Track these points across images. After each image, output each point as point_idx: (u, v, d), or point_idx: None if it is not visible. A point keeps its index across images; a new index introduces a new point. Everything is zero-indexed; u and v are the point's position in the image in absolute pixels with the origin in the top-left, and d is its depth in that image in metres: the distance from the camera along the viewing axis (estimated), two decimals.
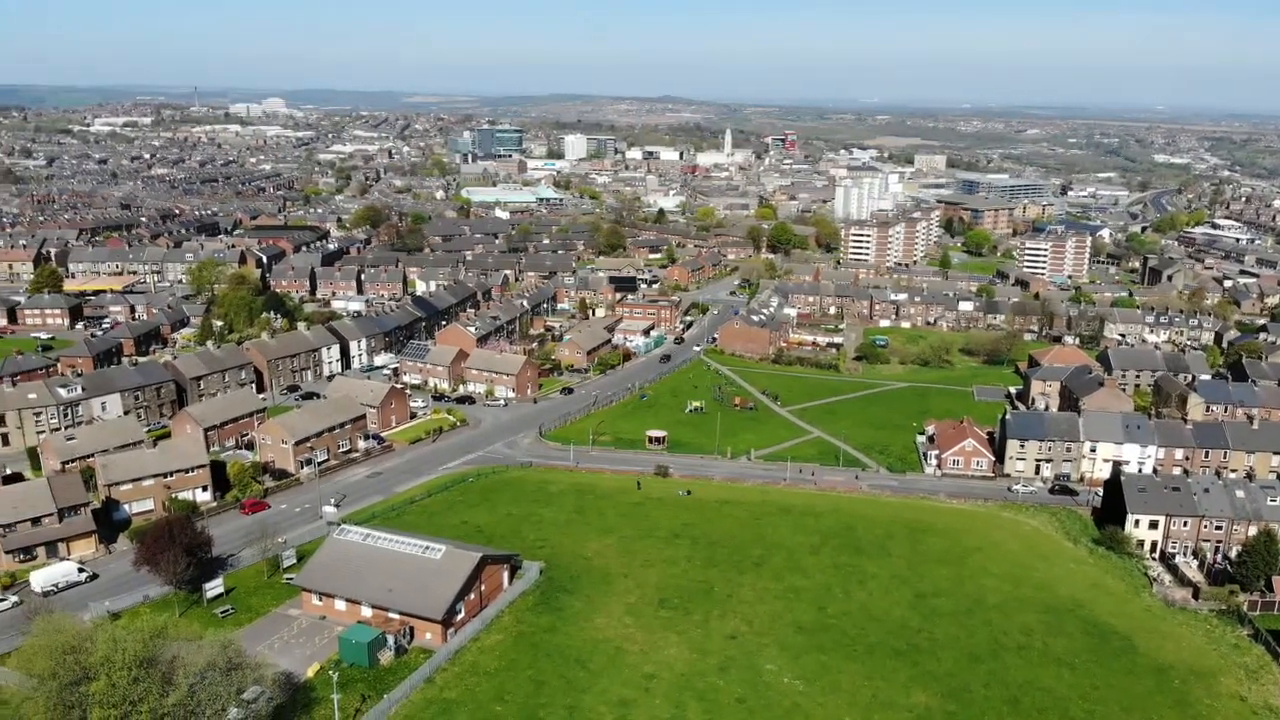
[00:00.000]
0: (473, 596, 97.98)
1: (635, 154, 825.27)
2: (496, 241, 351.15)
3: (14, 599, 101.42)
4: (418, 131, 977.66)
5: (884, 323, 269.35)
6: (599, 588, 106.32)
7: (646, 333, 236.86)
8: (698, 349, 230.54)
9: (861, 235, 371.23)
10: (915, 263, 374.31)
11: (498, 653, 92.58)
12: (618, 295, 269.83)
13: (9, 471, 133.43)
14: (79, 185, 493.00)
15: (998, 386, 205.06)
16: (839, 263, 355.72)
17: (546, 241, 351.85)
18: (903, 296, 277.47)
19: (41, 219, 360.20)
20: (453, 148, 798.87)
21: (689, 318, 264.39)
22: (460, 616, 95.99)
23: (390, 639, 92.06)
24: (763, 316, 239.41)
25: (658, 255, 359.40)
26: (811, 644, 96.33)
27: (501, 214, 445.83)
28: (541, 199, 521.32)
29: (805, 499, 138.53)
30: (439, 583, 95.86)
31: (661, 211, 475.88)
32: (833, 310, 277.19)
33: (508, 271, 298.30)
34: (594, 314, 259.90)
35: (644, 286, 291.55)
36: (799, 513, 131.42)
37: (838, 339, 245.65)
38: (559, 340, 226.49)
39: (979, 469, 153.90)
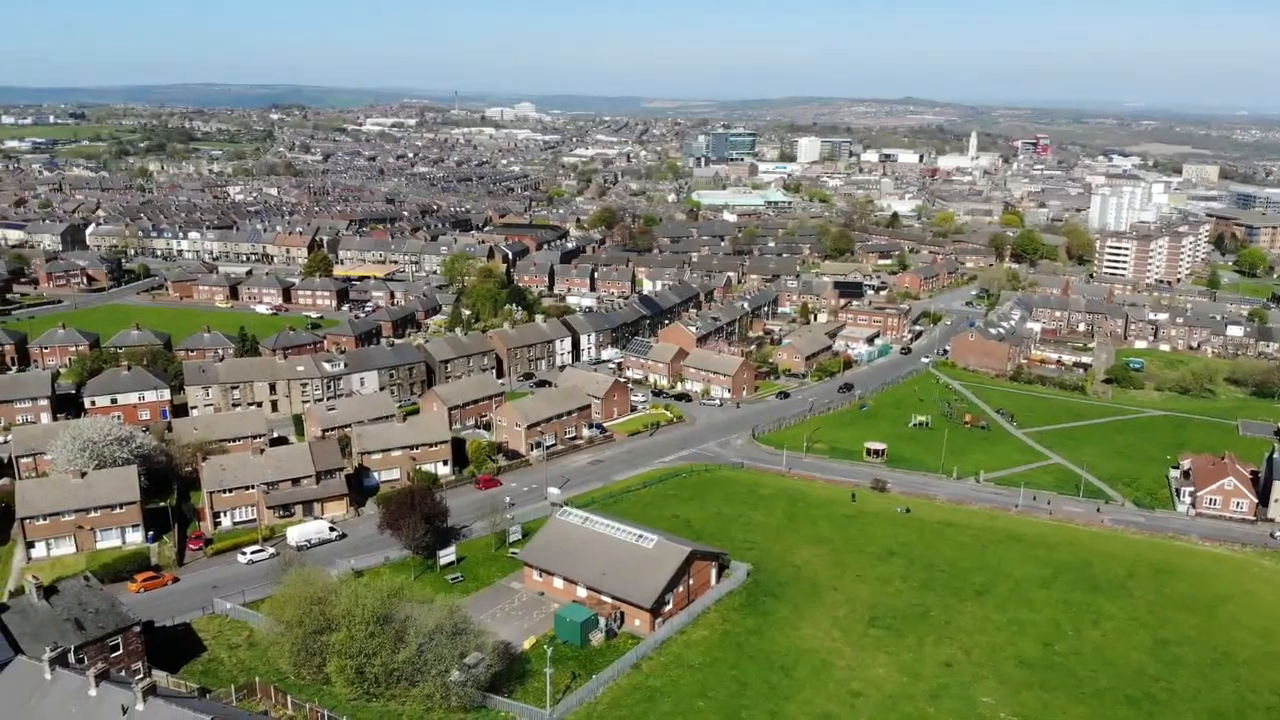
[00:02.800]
0: (681, 589, 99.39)
1: (871, 156, 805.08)
2: (722, 244, 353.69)
3: (272, 550, 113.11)
4: (655, 136, 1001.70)
5: (1139, 344, 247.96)
6: (807, 597, 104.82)
7: (870, 340, 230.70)
8: (926, 360, 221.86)
9: (1119, 248, 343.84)
10: (1179, 281, 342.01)
11: (703, 648, 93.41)
12: (842, 301, 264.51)
13: (276, 434, 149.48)
14: (350, 180, 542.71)
15: (1266, 422, 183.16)
16: (1091, 276, 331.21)
17: (772, 244, 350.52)
18: (1162, 317, 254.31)
19: (317, 209, 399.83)
20: (686, 152, 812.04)
21: (918, 327, 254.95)
22: (668, 607, 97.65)
23: (602, 621, 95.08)
24: (1002, 330, 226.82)
25: (888, 261, 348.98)
26: (1034, 680, 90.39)
27: (729, 217, 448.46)
28: (770, 202, 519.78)
29: (1038, 528, 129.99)
30: (650, 572, 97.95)
31: (895, 215, 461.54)
32: (1081, 327, 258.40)
33: (731, 273, 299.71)
34: (816, 319, 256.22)
35: (870, 292, 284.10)
36: (1030, 542, 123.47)
37: (1085, 358, 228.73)
38: (778, 344, 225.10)
39: (1238, 510, 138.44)
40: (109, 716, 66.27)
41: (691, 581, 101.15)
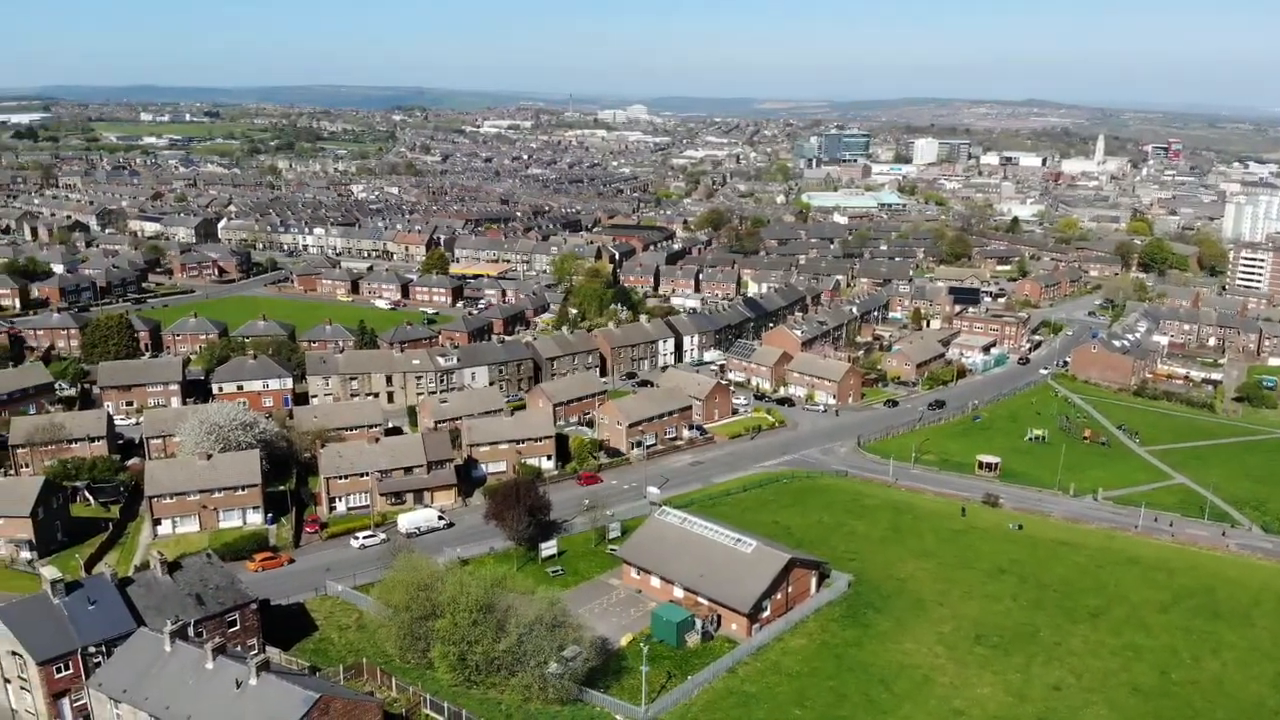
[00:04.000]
0: (779, 596, 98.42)
1: (991, 159, 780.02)
2: (832, 246, 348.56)
3: (383, 536, 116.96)
4: (766, 137, 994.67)
5: (1274, 361, 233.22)
6: (911, 611, 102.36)
7: (986, 349, 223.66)
8: (1045, 372, 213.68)
9: (1254, 259, 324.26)
10: None
11: (800, 656, 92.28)
12: (956, 307, 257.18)
13: (391, 425, 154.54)
14: (467, 180, 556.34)
15: None
16: (1224, 289, 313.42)
17: (884, 247, 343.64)
18: None
19: (435, 209, 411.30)
20: (798, 153, 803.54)
21: (1037, 337, 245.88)
22: (766, 614, 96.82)
23: (698, 623, 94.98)
24: (1126, 342, 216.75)
25: (1006, 267, 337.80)
26: (1148, 709, 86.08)
27: (840, 219, 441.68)
28: (883, 204, 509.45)
29: (1158, 551, 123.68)
30: (748, 576, 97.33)
31: (1015, 220, 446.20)
32: (1212, 342, 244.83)
33: (840, 276, 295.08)
34: (928, 325, 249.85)
35: (987, 300, 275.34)
36: (1148, 565, 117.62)
37: (1215, 375, 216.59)
38: (887, 350, 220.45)
39: None
40: (224, 689, 69.70)
41: (790, 589, 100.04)
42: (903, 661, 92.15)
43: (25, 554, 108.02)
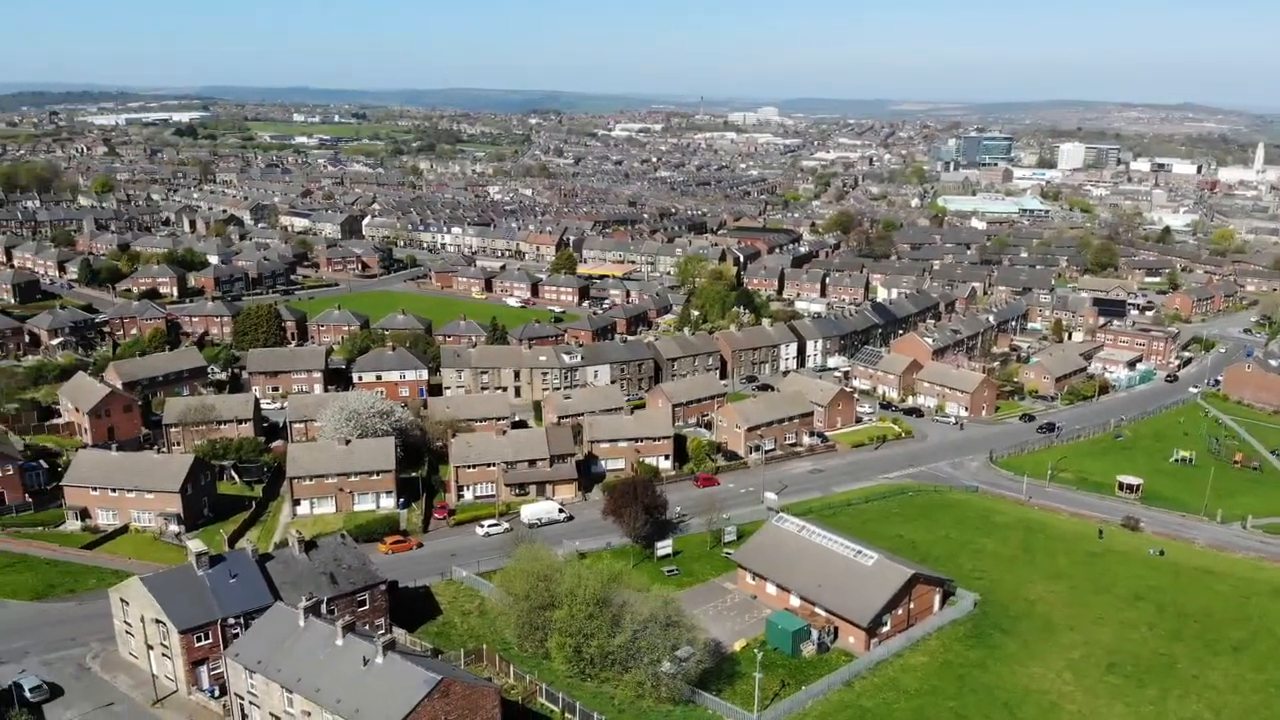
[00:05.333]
0: (900, 611, 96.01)
1: (1141, 165, 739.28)
2: (968, 252, 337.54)
3: (506, 525, 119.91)
4: (901, 139, 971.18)
5: None
6: (1039, 635, 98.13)
7: (1131, 365, 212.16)
8: (1194, 390, 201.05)
9: None
10: None
11: (920, 674, 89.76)
12: (1100, 320, 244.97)
13: (517, 418, 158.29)
14: (597, 183, 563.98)
15: None
16: None
17: (1024, 255, 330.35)
18: None
19: (565, 210, 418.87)
20: (934, 155, 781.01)
21: (1187, 353, 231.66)
22: (886, 628, 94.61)
23: (814, 633, 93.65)
24: None
25: (1156, 279, 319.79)
26: None
27: (978, 224, 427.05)
28: (1024, 210, 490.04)
29: None
30: (868, 589, 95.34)
31: (1167, 230, 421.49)
32: None
33: (976, 284, 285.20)
34: (1070, 337, 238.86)
35: (1134, 312, 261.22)
36: None
37: None
38: (1024, 362, 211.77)
39: None
40: (351, 665, 72.79)
41: (912, 605, 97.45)
42: (1029, 686, 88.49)
43: (173, 527, 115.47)
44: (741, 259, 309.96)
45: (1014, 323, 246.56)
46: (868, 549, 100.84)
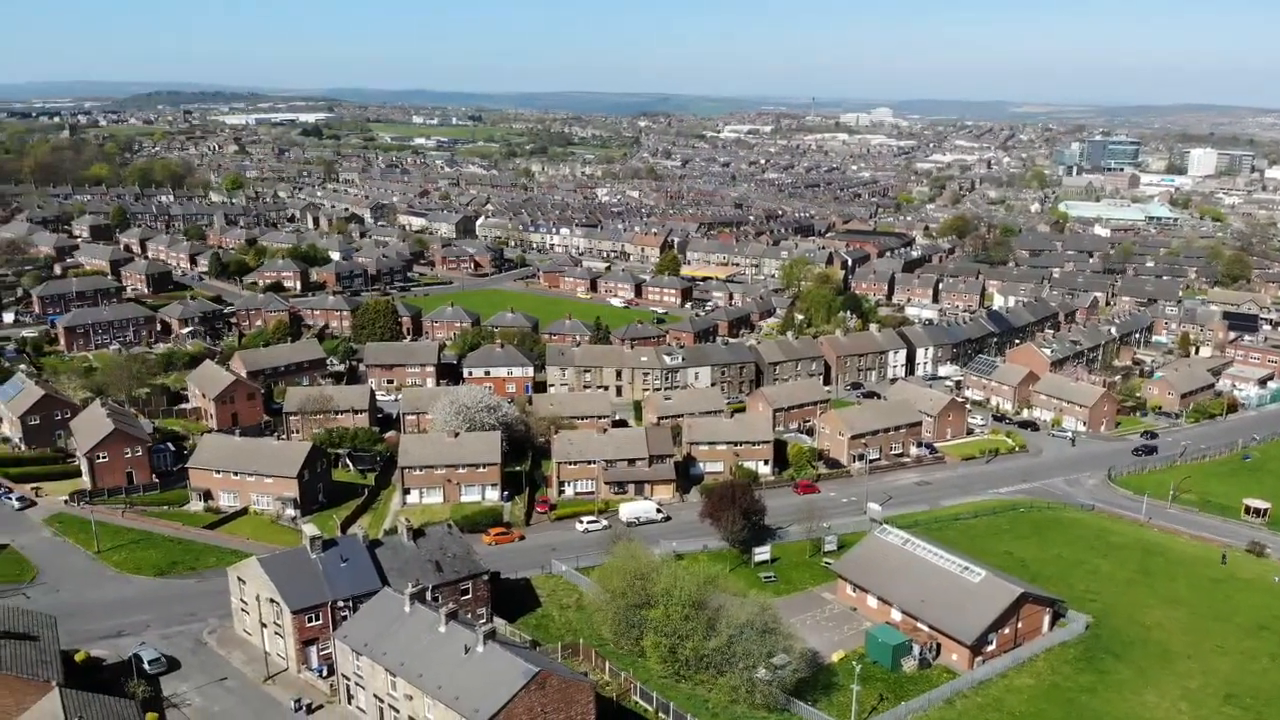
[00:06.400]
0: (1007, 631, 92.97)
1: (1277, 174, 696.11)
2: (1090, 260, 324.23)
3: (605, 523, 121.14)
4: (1021, 142, 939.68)
5: None
6: (1155, 662, 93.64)
7: (1262, 383, 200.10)
8: None
9: None
10: None
11: (1026, 696, 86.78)
12: (1231, 334, 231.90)
13: (618, 417, 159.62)
14: (703, 185, 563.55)
15: None
16: None
17: (1150, 264, 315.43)
18: None
19: (671, 212, 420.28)
20: (1056, 159, 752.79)
21: None
22: (991, 647, 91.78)
23: (916, 648, 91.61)
24: None
25: None
26: None
27: (1101, 231, 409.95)
28: (1151, 217, 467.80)
29: None
30: (974, 607, 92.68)
31: None
32: None
33: (1098, 293, 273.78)
34: (1197, 352, 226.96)
35: (1267, 328, 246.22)
36: None
37: None
38: (1148, 376, 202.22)
39: None
40: (453, 652, 74.71)
41: (1020, 625, 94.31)
42: (1141, 715, 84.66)
43: (290, 511, 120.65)
44: (850, 262, 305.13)
45: (1138, 335, 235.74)
46: (975, 565, 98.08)
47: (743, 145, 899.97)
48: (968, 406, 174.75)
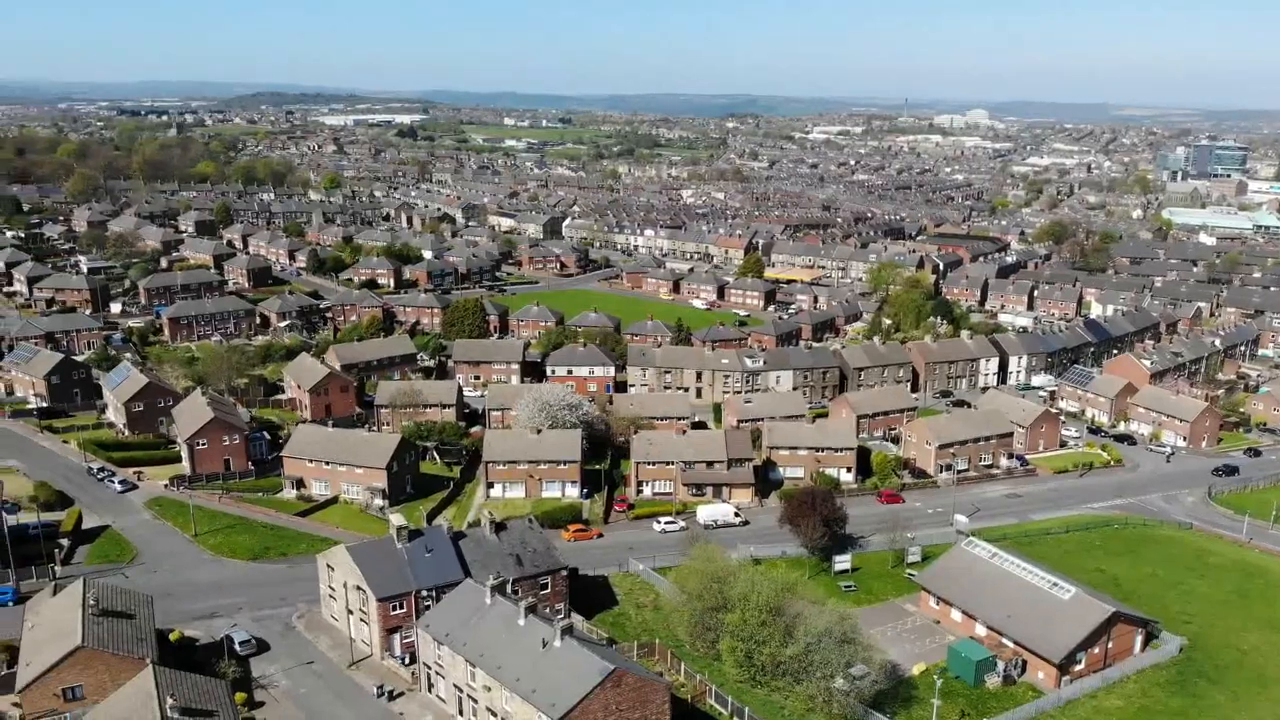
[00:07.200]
0: (1096, 650, 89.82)
1: None
2: (1194, 269, 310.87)
3: (683, 524, 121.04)
4: (1123, 146, 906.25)
5: None
6: (1251, 687, 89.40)
7: None
8: None
9: None
10: None
11: (1114, 718, 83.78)
12: None
13: (697, 419, 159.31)
14: (790, 186, 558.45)
15: None
16: None
17: (1258, 275, 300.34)
18: None
19: (756, 213, 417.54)
20: (1160, 164, 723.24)
21: None
22: (1079, 666, 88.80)
23: (1000, 664, 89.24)
24: None
25: None
26: None
27: (1206, 239, 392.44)
28: (1260, 226, 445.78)
29: None
30: (1063, 624, 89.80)
31: None
32: None
33: (1202, 304, 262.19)
34: None
35: None
36: None
37: None
38: (1253, 391, 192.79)
39: None
40: (531, 646, 75.59)
41: (1111, 644, 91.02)
42: None
43: (378, 501, 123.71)
44: (941, 267, 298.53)
45: (1243, 348, 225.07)
46: (1065, 581, 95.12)
47: (832, 146, 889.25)
48: (1062, 418, 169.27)
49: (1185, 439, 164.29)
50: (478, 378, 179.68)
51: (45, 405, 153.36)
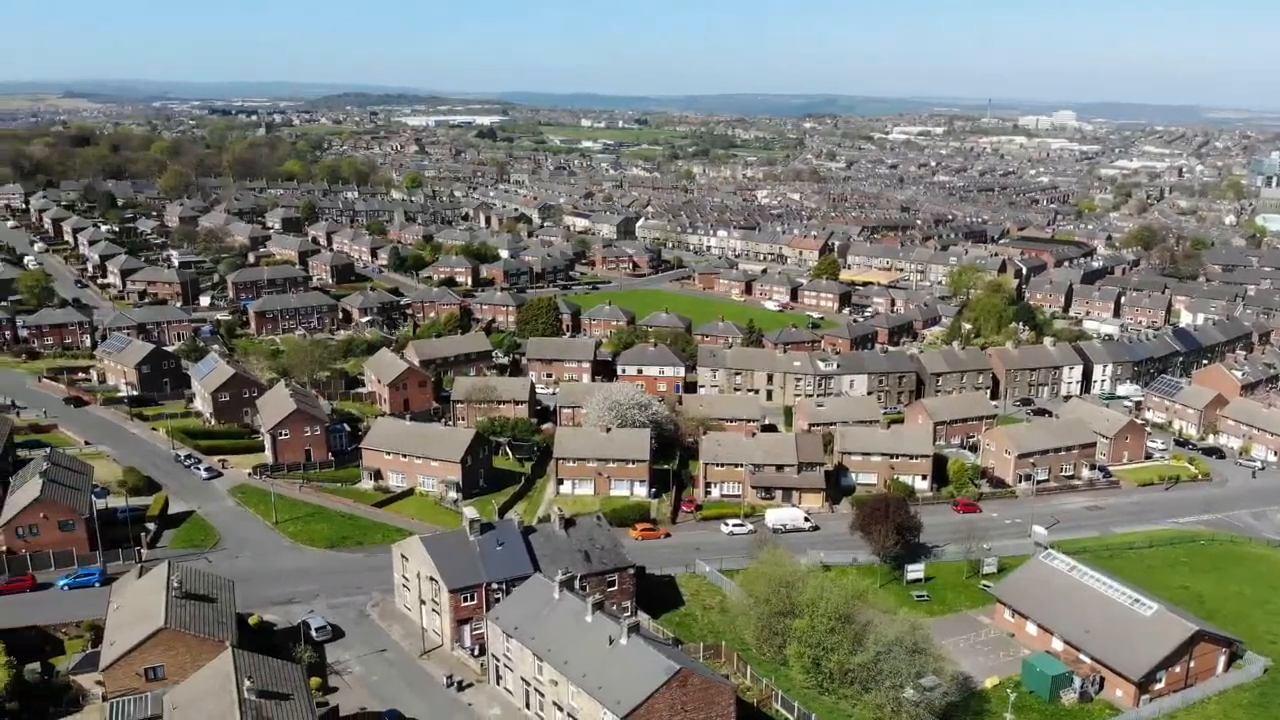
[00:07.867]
0: (1178, 669, 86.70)
1: None
2: None
3: (751, 527, 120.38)
4: (1217, 149, 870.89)
5: None
6: None
7: None
8: None
9: None
10: None
11: None
12: None
13: (767, 421, 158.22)
14: (868, 187, 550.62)
15: None
16: None
17: None
18: None
19: (833, 214, 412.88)
20: (1254, 169, 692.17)
21: None
22: (1159, 685, 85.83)
23: (1077, 680, 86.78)
24: None
25: None
26: None
27: None
28: None
29: None
30: (1143, 641, 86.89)
31: None
32: None
33: None
34: None
35: None
36: None
37: None
38: None
39: None
40: (598, 642, 76.07)
41: (1193, 664, 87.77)
42: None
43: (452, 494, 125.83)
44: (1024, 271, 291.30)
45: None
46: (1146, 598, 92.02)
47: (912, 147, 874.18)
48: (1147, 429, 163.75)
49: (1277, 454, 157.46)
50: (550, 375, 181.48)
51: (136, 393, 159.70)
